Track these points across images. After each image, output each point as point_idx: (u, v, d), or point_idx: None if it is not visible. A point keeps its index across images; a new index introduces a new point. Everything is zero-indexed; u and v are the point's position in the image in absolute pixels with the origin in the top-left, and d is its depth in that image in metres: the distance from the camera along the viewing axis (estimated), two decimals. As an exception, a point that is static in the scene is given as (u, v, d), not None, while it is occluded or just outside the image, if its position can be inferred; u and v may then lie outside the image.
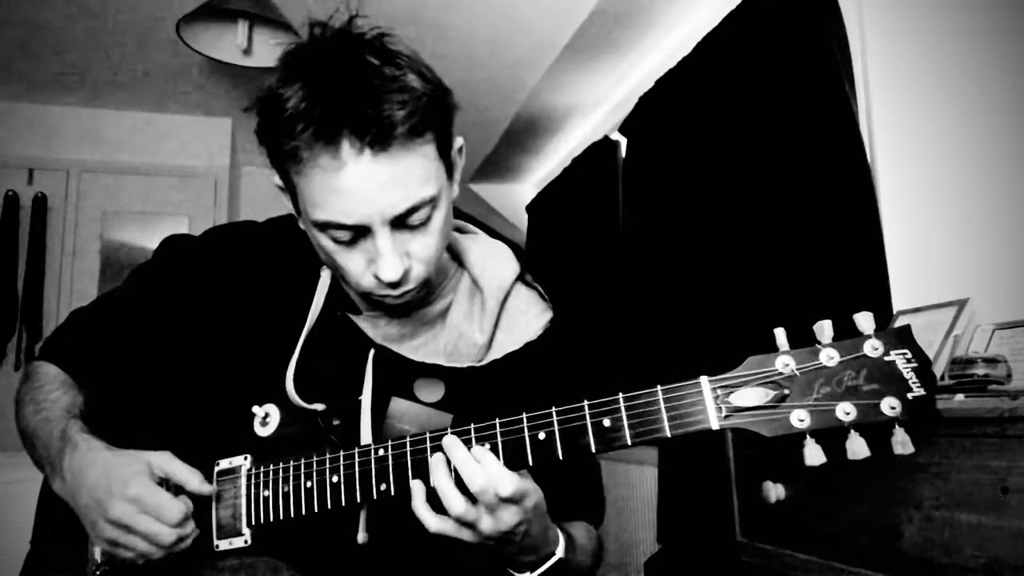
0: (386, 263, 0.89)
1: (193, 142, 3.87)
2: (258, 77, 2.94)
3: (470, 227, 1.15)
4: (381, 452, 0.88)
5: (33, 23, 2.89)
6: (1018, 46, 1.30)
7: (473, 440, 0.85)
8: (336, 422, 0.98)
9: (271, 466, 0.94)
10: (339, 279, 1.01)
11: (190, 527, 0.92)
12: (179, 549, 0.92)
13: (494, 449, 0.83)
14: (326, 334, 1.03)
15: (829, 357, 0.75)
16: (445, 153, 0.93)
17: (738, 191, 1.90)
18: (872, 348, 0.74)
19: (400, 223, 0.89)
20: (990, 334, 1.21)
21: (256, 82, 3.35)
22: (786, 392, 0.75)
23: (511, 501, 0.82)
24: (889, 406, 0.72)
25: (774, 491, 1.14)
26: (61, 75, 3.36)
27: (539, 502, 0.86)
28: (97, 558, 0.99)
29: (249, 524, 0.94)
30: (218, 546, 0.95)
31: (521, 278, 1.11)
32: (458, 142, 0.97)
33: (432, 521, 0.84)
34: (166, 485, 0.94)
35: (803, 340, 0.77)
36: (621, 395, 0.79)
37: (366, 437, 0.97)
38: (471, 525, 0.83)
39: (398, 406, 1.02)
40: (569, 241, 3.00)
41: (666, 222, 2.22)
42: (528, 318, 1.09)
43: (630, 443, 0.78)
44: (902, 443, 0.71)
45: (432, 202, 0.90)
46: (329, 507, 0.90)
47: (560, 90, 2.77)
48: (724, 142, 1.96)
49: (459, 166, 0.99)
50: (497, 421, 0.84)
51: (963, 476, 0.89)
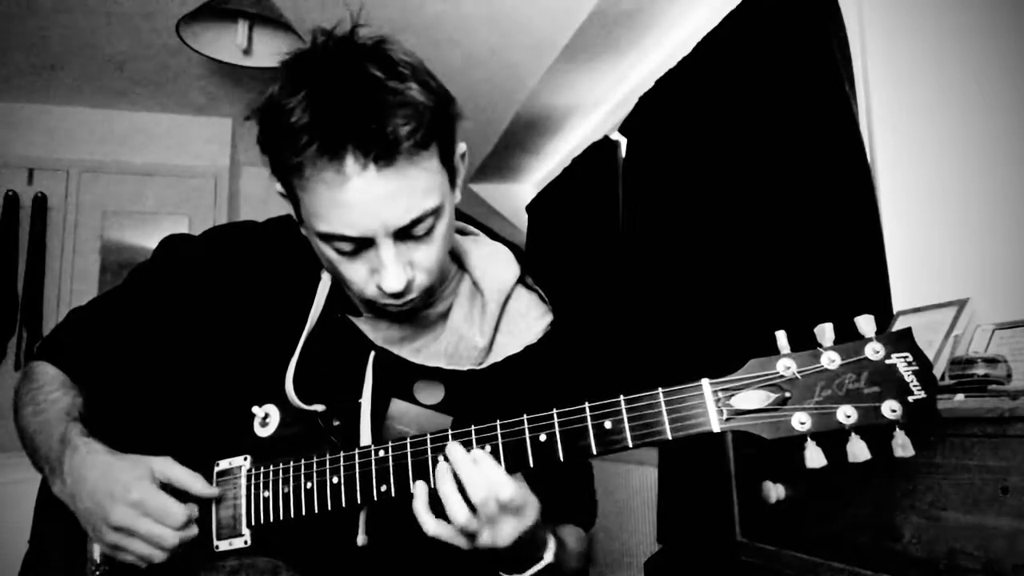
0: (389, 274, 0.89)
1: (193, 142, 3.87)
2: (258, 77, 2.94)
3: (471, 228, 1.15)
4: (381, 453, 0.88)
5: (33, 23, 2.89)
6: (1018, 46, 1.30)
7: (474, 442, 0.85)
8: (336, 423, 0.97)
9: (271, 467, 0.94)
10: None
11: (194, 530, 0.92)
12: (179, 551, 0.92)
13: (495, 451, 0.84)
14: (326, 335, 1.03)
15: (830, 360, 0.75)
16: (448, 162, 0.92)
17: (738, 191, 1.89)
18: (873, 351, 0.74)
19: (404, 234, 0.89)
20: (990, 334, 1.21)
21: (256, 82, 3.35)
22: (787, 395, 0.75)
23: (510, 512, 0.82)
24: (890, 409, 0.72)
25: (774, 491, 1.14)
26: (61, 75, 3.36)
27: (537, 517, 0.86)
28: (96, 558, 0.99)
29: (249, 525, 0.94)
30: (218, 547, 0.95)
31: (522, 280, 1.11)
32: (461, 148, 0.97)
33: (431, 525, 0.84)
34: (167, 490, 0.94)
35: (804, 342, 0.77)
36: (622, 397, 0.79)
37: (366, 438, 0.97)
38: (470, 535, 0.84)
39: (398, 408, 1.03)
40: (569, 241, 2.99)
41: (666, 222, 2.22)
42: (528, 321, 1.09)
43: (631, 445, 0.78)
44: (902, 446, 0.72)
45: (435, 212, 0.90)
46: (329, 508, 0.90)
47: (560, 90, 2.76)
48: (724, 142, 1.96)
49: (461, 172, 0.98)
50: (498, 423, 0.84)
51: (963, 476, 0.89)
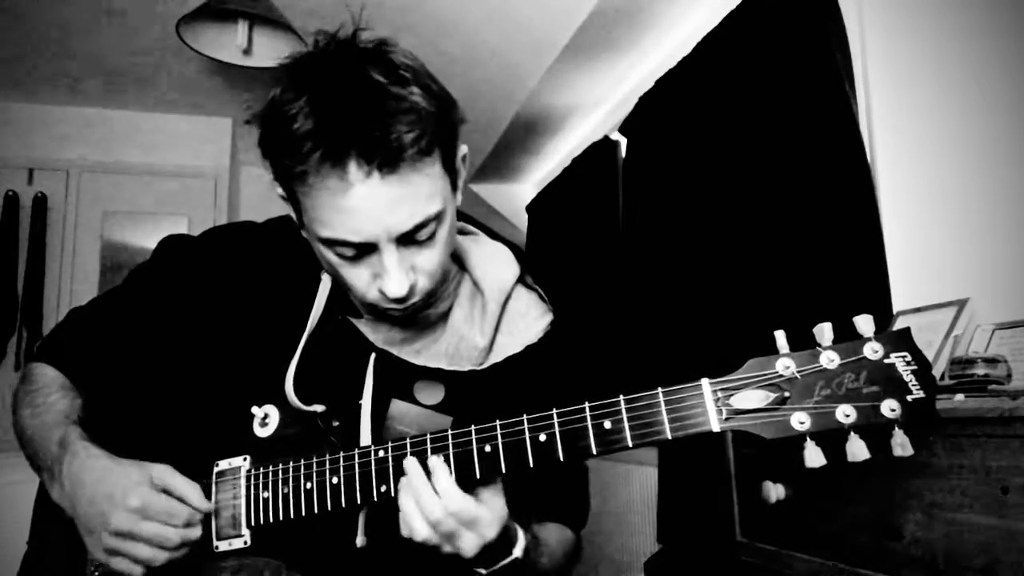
0: (392, 280, 0.89)
1: (193, 142, 3.87)
2: (258, 77, 2.94)
3: (470, 228, 1.15)
4: (381, 453, 0.88)
5: (33, 23, 2.89)
6: (1018, 46, 1.30)
7: (474, 442, 0.84)
8: (336, 423, 0.97)
9: (271, 467, 0.94)
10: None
11: (197, 531, 0.92)
12: (180, 554, 0.92)
13: (494, 451, 0.84)
14: (327, 337, 1.03)
15: (829, 360, 0.75)
16: (450, 166, 0.93)
17: (738, 191, 1.89)
18: (872, 351, 0.74)
19: (406, 239, 0.89)
20: (990, 334, 1.21)
21: (256, 82, 3.35)
22: (787, 394, 0.75)
23: (465, 526, 0.83)
24: (889, 408, 0.72)
25: (774, 491, 1.14)
26: (61, 75, 3.36)
27: (501, 526, 0.86)
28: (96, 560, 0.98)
29: (248, 525, 0.94)
30: (217, 547, 0.95)
31: (521, 280, 1.11)
32: (462, 150, 0.97)
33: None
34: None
35: (803, 342, 0.77)
36: (622, 397, 0.79)
37: (366, 439, 0.97)
38: (435, 547, 0.85)
39: (398, 408, 1.02)
40: (569, 241, 2.99)
41: (666, 222, 2.22)
42: (528, 321, 1.09)
43: (631, 445, 0.78)
44: (901, 445, 0.72)
45: (438, 217, 0.90)
46: (329, 508, 0.90)
47: (560, 90, 2.76)
48: (724, 142, 1.96)
49: (463, 175, 0.98)
50: (498, 423, 0.84)
51: (963, 476, 0.89)
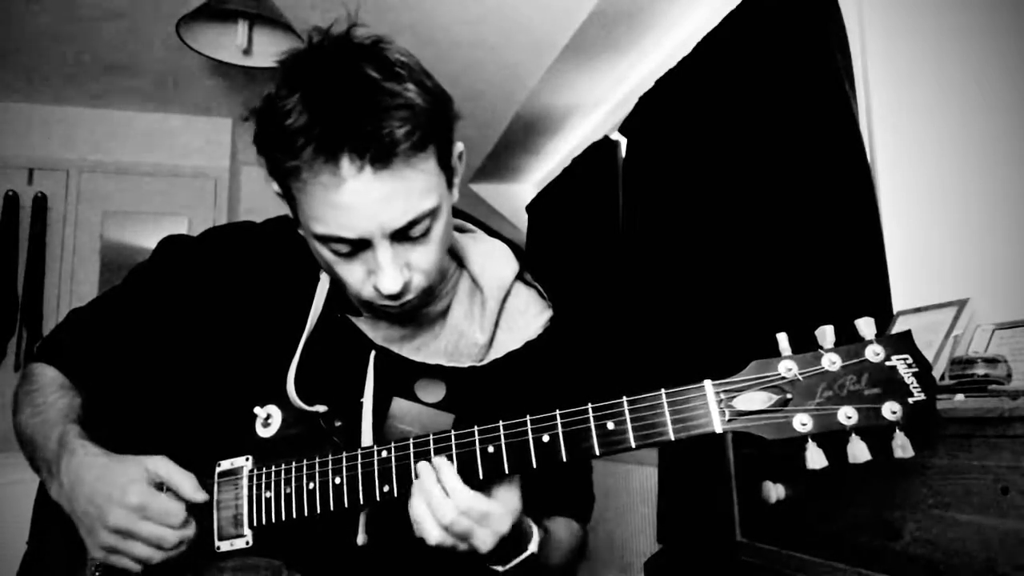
0: (386, 276, 0.89)
1: (193, 142, 3.87)
2: (258, 77, 2.93)
3: (469, 226, 1.15)
4: (384, 454, 0.88)
5: (33, 23, 2.89)
6: (1018, 46, 1.30)
7: (477, 442, 0.85)
8: (338, 423, 0.97)
9: (273, 467, 0.94)
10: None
11: (192, 529, 0.92)
12: (177, 552, 0.92)
13: (497, 451, 0.84)
14: (327, 336, 1.03)
15: (831, 362, 0.75)
16: (445, 163, 0.92)
17: (738, 191, 1.90)
18: (873, 353, 0.74)
19: (401, 235, 0.89)
20: (990, 334, 1.21)
21: (256, 82, 3.35)
22: (788, 396, 0.75)
23: (480, 522, 0.83)
24: (890, 410, 0.73)
25: (774, 491, 1.14)
26: (61, 75, 3.36)
27: (515, 519, 0.86)
28: (96, 560, 0.99)
29: (251, 525, 0.94)
30: (219, 547, 0.95)
31: (520, 277, 1.11)
32: (458, 148, 0.97)
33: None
34: (162, 489, 0.94)
35: (805, 343, 0.77)
36: (625, 398, 0.80)
37: (367, 438, 0.97)
38: (451, 548, 0.85)
39: (399, 407, 1.03)
40: (569, 241, 2.99)
41: (666, 222, 2.22)
42: (528, 317, 1.09)
43: (634, 446, 0.79)
44: (902, 447, 0.72)
45: (432, 214, 0.90)
46: (331, 508, 0.90)
47: (560, 90, 2.76)
48: (724, 142, 1.96)
49: (459, 172, 0.98)
50: (501, 424, 0.84)
51: (963, 476, 0.89)
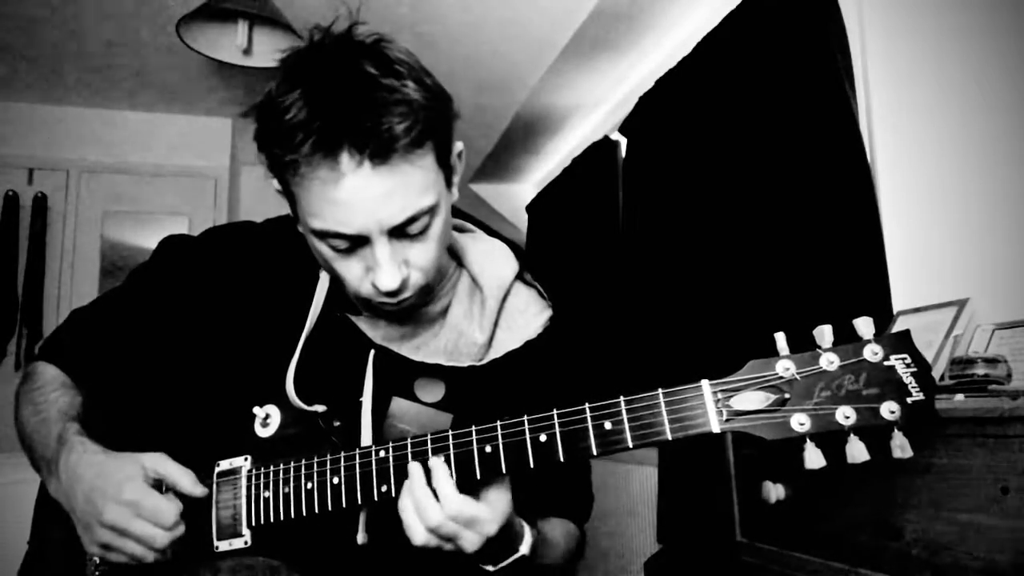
0: (384, 272, 0.89)
1: (193, 142, 3.87)
2: (258, 77, 2.93)
3: (468, 225, 1.15)
4: (382, 453, 0.88)
5: (33, 23, 2.89)
6: (1018, 46, 1.30)
7: (475, 442, 0.85)
8: (337, 423, 0.97)
9: (272, 467, 0.94)
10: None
11: (181, 529, 0.92)
12: (170, 552, 0.92)
13: (495, 451, 0.84)
14: (326, 335, 1.03)
15: (829, 361, 0.75)
16: (444, 161, 0.92)
17: (738, 191, 1.90)
18: (872, 353, 0.74)
19: (399, 232, 0.89)
20: (990, 334, 1.21)
21: (256, 82, 3.34)
22: (787, 396, 0.75)
23: (467, 526, 0.83)
24: (889, 410, 0.72)
25: (774, 491, 1.14)
26: (62, 75, 3.36)
27: (503, 522, 0.86)
28: (96, 559, 0.99)
29: (249, 525, 0.94)
30: (218, 547, 0.95)
31: (520, 277, 1.11)
32: (457, 147, 0.97)
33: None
34: (160, 487, 0.94)
35: (803, 343, 0.77)
36: (622, 398, 0.80)
37: (367, 438, 0.97)
38: (436, 548, 0.85)
39: (399, 406, 1.03)
40: (569, 241, 2.99)
41: (666, 222, 2.22)
42: (528, 317, 1.09)
43: (631, 445, 0.78)
44: (901, 447, 0.72)
45: (431, 211, 0.90)
46: (330, 508, 0.90)
47: (560, 90, 2.76)
48: (724, 142, 1.96)
49: (459, 171, 0.98)
50: (499, 424, 0.84)
51: (963, 476, 0.89)
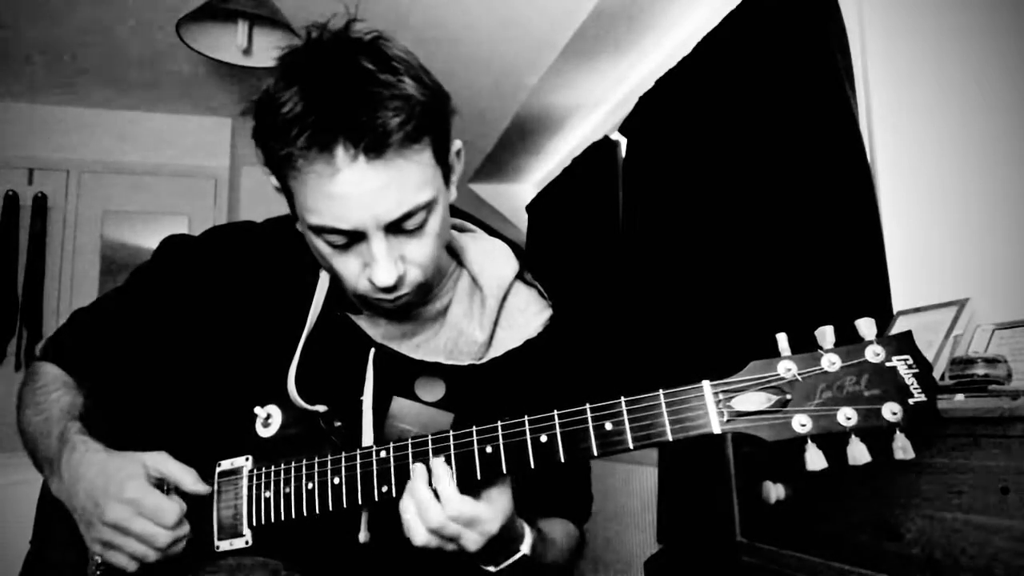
0: (380, 268, 0.89)
1: (193, 142, 3.86)
2: (258, 77, 2.93)
3: (468, 225, 1.15)
4: (383, 454, 0.88)
5: (33, 24, 2.89)
6: (1018, 46, 1.30)
7: (475, 443, 0.85)
8: (338, 423, 0.98)
9: (273, 467, 0.95)
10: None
11: (185, 529, 0.92)
12: (173, 552, 0.92)
13: (495, 452, 0.84)
14: (327, 334, 1.03)
15: (831, 362, 0.75)
16: (442, 158, 0.92)
17: (738, 191, 1.90)
18: (873, 354, 0.74)
19: (395, 228, 0.89)
20: (990, 334, 1.21)
21: (256, 81, 3.35)
22: (788, 397, 0.75)
23: (468, 525, 0.83)
24: (890, 412, 0.72)
25: (774, 491, 1.14)
26: (61, 75, 3.36)
27: (504, 521, 0.86)
28: (97, 559, 0.99)
29: (250, 525, 0.94)
30: (219, 547, 0.95)
31: (520, 276, 1.11)
32: (456, 145, 0.97)
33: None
34: (163, 486, 0.94)
35: (804, 344, 0.77)
36: (623, 399, 0.80)
37: (368, 437, 0.97)
38: (437, 549, 0.85)
39: (399, 405, 1.03)
40: (569, 241, 2.99)
41: (666, 223, 2.22)
42: (528, 316, 1.09)
43: (632, 446, 0.78)
44: (903, 448, 0.72)
45: (427, 207, 0.90)
46: (330, 508, 0.90)
47: (560, 90, 2.77)
48: (724, 142, 1.96)
49: (457, 169, 0.98)
50: (499, 424, 0.84)
51: (963, 476, 0.89)
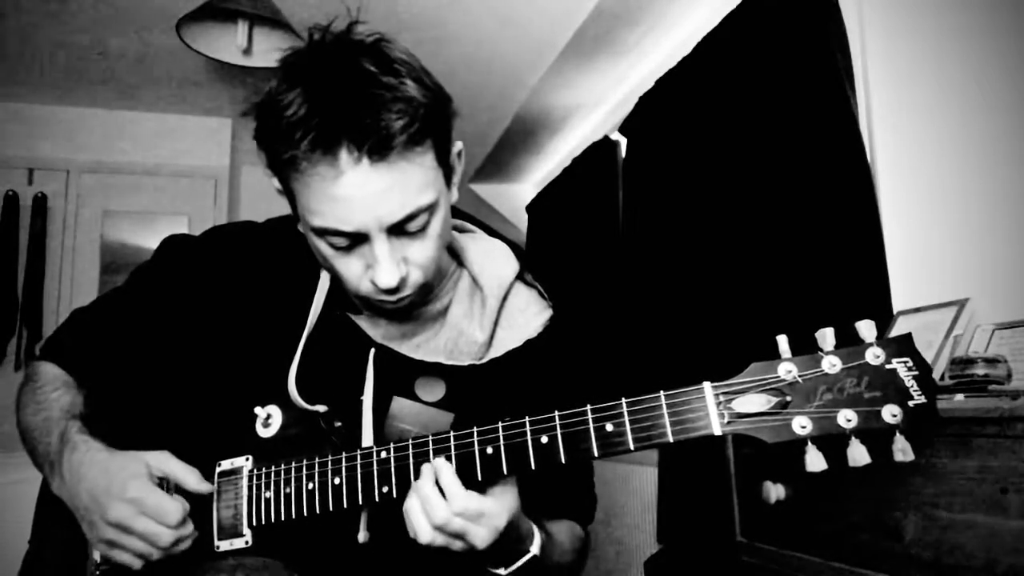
0: (383, 270, 0.89)
1: (193, 142, 3.87)
2: (258, 77, 2.94)
3: (469, 226, 1.15)
4: (383, 454, 0.89)
5: (32, 23, 2.89)
6: (1018, 46, 1.30)
7: (476, 443, 0.85)
8: (338, 423, 0.98)
9: (273, 467, 0.95)
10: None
11: (188, 528, 0.93)
12: (176, 551, 0.92)
13: (496, 453, 0.84)
14: (327, 334, 1.03)
15: (831, 364, 0.75)
16: (444, 159, 0.93)
17: (738, 191, 1.90)
18: (874, 356, 0.74)
19: (398, 230, 0.89)
20: (990, 334, 1.21)
21: (256, 82, 3.34)
22: (788, 399, 0.75)
23: (475, 520, 0.83)
24: (890, 413, 0.73)
25: (774, 491, 1.14)
26: (61, 75, 3.36)
27: (511, 517, 0.86)
28: (96, 558, 0.99)
29: (250, 525, 0.95)
30: (219, 547, 0.95)
31: (520, 277, 1.11)
32: (457, 146, 0.97)
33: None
34: (165, 485, 0.94)
35: (805, 345, 0.77)
36: (624, 400, 0.80)
37: (368, 437, 0.97)
38: (444, 547, 0.85)
39: (399, 405, 1.03)
40: (569, 241, 2.99)
41: (666, 223, 2.22)
42: (528, 316, 1.09)
43: (632, 447, 0.79)
44: (903, 450, 0.72)
45: (430, 209, 0.90)
46: (331, 508, 0.90)
47: (560, 90, 2.76)
48: (724, 142, 1.96)
49: (458, 171, 0.98)
50: (500, 424, 0.84)
51: (963, 476, 0.89)
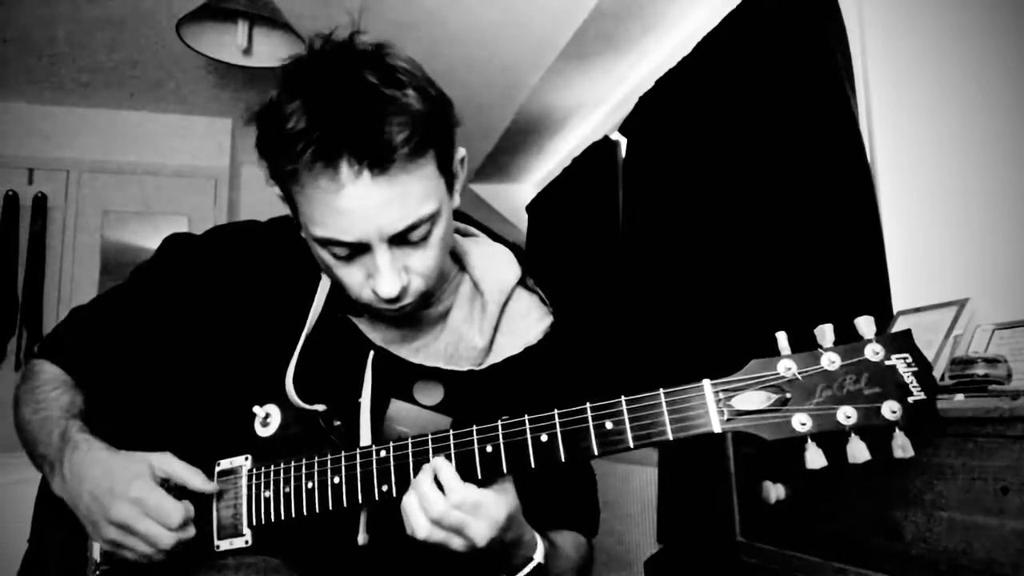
0: (384, 280, 0.89)
1: (193, 142, 3.87)
2: (258, 77, 2.94)
3: (471, 229, 1.15)
4: (383, 453, 0.89)
5: (33, 23, 2.89)
6: (1018, 46, 1.30)
7: (475, 442, 0.85)
8: (337, 423, 0.98)
9: (272, 467, 0.95)
10: None
11: (191, 531, 0.92)
12: (178, 551, 0.92)
13: (496, 451, 0.84)
14: (326, 335, 1.03)
15: (830, 361, 0.75)
16: (446, 167, 0.92)
17: (738, 191, 1.90)
18: (873, 352, 0.74)
19: (399, 240, 0.89)
20: (990, 334, 1.21)
21: (256, 82, 3.34)
22: (788, 396, 0.75)
23: (473, 513, 0.83)
24: (890, 410, 0.73)
25: (774, 491, 1.14)
26: (61, 75, 3.36)
27: (510, 512, 0.86)
28: (96, 558, 0.99)
29: (250, 524, 0.95)
30: (218, 546, 0.95)
31: (522, 282, 1.11)
32: (460, 153, 0.97)
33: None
34: (167, 486, 0.94)
35: (804, 343, 0.77)
36: (623, 398, 0.80)
37: (365, 438, 0.97)
38: (443, 544, 0.84)
39: (397, 409, 1.03)
40: (569, 241, 2.99)
41: (666, 222, 2.22)
42: (528, 322, 1.09)
43: (632, 445, 0.79)
44: (902, 447, 0.72)
45: (431, 219, 0.90)
46: (330, 508, 0.90)
47: (560, 90, 2.76)
48: (724, 142, 1.96)
49: (461, 177, 0.98)
50: (500, 423, 0.84)
51: (963, 476, 0.89)
